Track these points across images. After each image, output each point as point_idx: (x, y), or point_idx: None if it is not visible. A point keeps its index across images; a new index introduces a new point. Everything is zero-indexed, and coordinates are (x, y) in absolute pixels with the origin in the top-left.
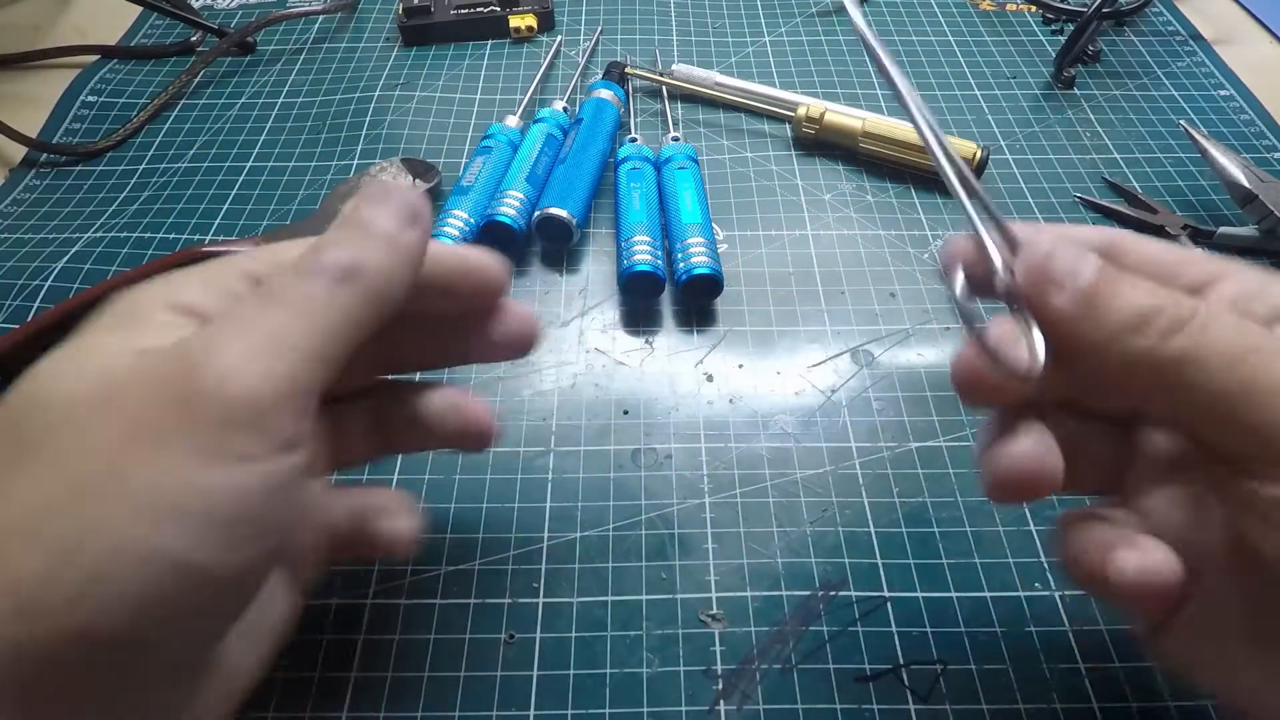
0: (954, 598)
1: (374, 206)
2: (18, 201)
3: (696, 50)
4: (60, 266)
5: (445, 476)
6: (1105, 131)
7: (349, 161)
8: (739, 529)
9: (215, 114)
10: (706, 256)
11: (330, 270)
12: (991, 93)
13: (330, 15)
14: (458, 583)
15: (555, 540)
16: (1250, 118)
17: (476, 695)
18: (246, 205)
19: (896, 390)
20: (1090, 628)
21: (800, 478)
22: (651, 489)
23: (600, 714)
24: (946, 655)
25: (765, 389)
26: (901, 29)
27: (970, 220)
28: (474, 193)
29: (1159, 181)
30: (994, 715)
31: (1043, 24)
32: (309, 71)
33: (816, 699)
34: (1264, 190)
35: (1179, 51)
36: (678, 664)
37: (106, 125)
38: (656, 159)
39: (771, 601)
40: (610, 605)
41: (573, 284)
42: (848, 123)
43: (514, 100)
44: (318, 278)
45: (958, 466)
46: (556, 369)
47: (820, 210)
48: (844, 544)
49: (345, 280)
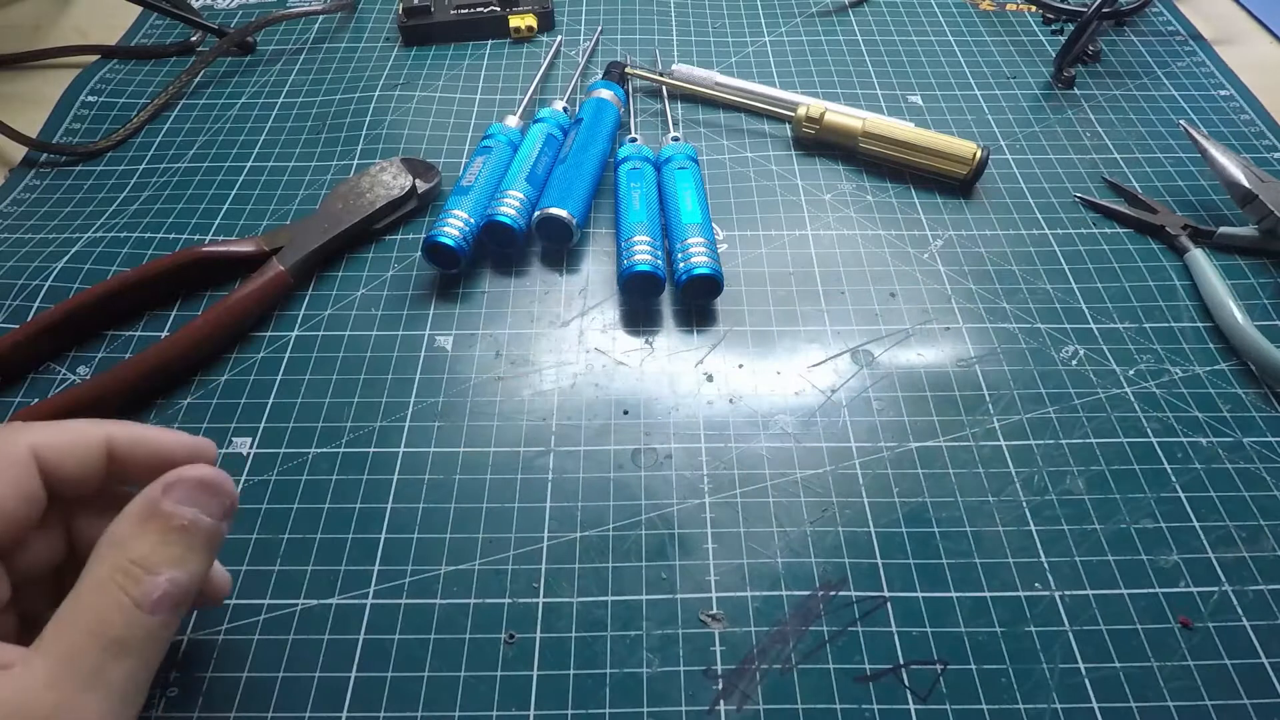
0: (954, 598)
1: (198, 499)
2: (18, 201)
3: (696, 50)
4: (60, 266)
5: (445, 477)
6: (1105, 131)
7: (349, 161)
8: (739, 529)
9: (215, 114)
10: (706, 256)
11: (166, 603)
12: (991, 93)
13: (330, 15)
14: (458, 583)
15: (555, 540)
16: (1250, 118)
17: (476, 695)
18: (246, 205)
19: (896, 390)
20: (1090, 628)
21: (800, 478)
22: (651, 489)
23: (600, 714)
24: (946, 655)
25: (765, 389)
26: (901, 29)
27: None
28: (474, 193)
29: (1159, 181)
30: (994, 715)
31: (1043, 24)
32: (309, 71)
33: (816, 699)
34: (1264, 190)
35: (1179, 51)
36: (678, 664)
37: (106, 125)
38: (656, 159)
39: (771, 601)
40: (610, 605)
41: (573, 284)
42: (848, 123)
43: (514, 100)
44: (155, 614)
45: (958, 466)
46: (556, 369)
47: (820, 210)
48: (844, 544)
49: (180, 605)
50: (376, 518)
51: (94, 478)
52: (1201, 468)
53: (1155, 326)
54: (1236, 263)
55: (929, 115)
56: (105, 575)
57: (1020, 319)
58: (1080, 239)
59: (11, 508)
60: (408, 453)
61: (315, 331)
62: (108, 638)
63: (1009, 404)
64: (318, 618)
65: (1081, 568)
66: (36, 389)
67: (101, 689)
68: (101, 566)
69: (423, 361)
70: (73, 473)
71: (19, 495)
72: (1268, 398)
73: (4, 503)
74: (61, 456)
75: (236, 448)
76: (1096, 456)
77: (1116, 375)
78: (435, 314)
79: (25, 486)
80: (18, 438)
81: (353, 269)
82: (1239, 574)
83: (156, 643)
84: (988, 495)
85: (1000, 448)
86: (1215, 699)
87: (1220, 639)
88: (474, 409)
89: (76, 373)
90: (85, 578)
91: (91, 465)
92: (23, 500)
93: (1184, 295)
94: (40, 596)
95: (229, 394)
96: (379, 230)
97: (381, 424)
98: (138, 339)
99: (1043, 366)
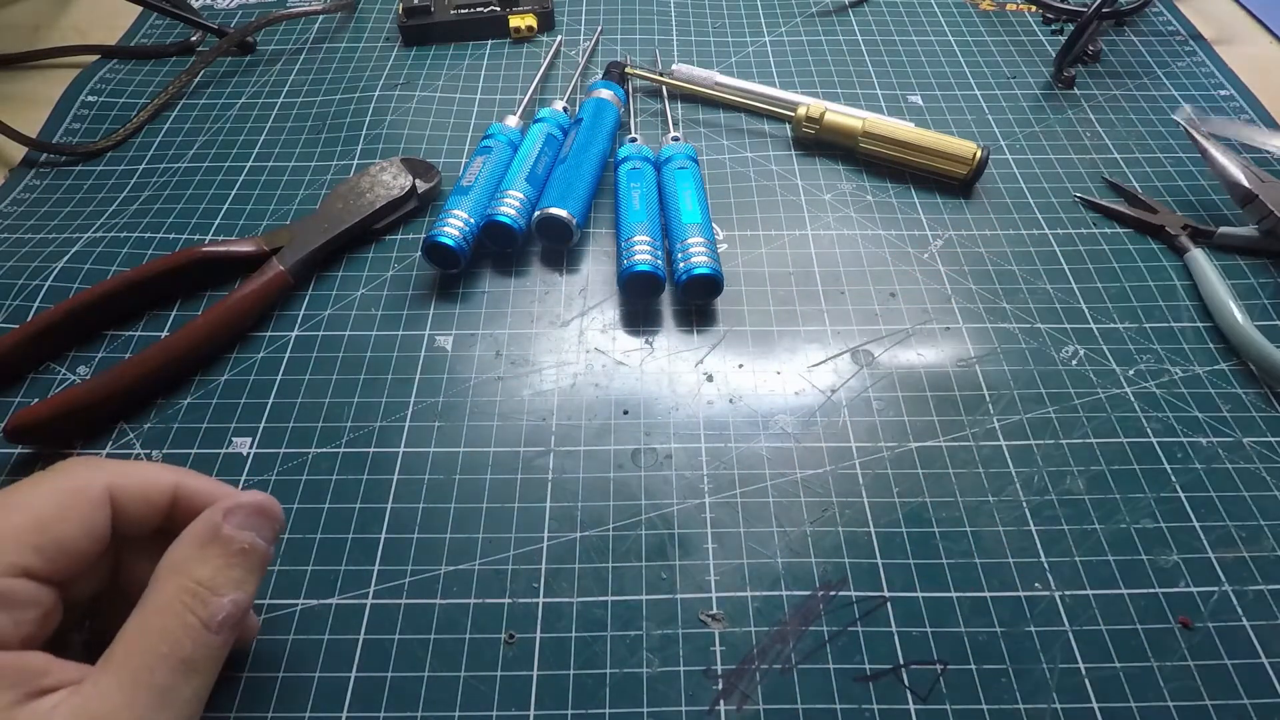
0: (954, 598)
1: (255, 523)
2: (18, 201)
3: (696, 50)
4: (60, 266)
5: (445, 477)
6: (1105, 131)
7: (349, 161)
8: (739, 529)
9: (215, 114)
10: (706, 256)
11: (229, 623)
12: (991, 93)
13: (330, 15)
14: (458, 583)
15: (555, 540)
16: (1250, 118)
17: (476, 695)
18: (246, 205)
19: (896, 390)
20: (1090, 628)
21: (800, 478)
22: (651, 489)
23: (600, 714)
24: (946, 655)
25: (765, 389)
26: (901, 29)
27: None
28: (474, 193)
29: (1159, 181)
30: (994, 715)
31: (1043, 24)
32: (309, 71)
33: (816, 699)
34: (1264, 190)
35: (1179, 51)
36: (678, 664)
37: (106, 125)
38: (656, 159)
39: (771, 601)
40: (610, 605)
41: (573, 284)
42: (848, 123)
43: (514, 100)
44: (220, 633)
45: (958, 466)
46: (556, 369)
47: (820, 210)
48: (844, 544)
49: (240, 625)
50: (376, 518)
51: (155, 522)
52: (1201, 468)
53: (1155, 326)
54: (1236, 263)
55: (929, 115)
56: (172, 597)
57: (1020, 319)
58: (1080, 239)
59: (84, 546)
60: (408, 453)
61: (315, 331)
62: (178, 658)
63: (1009, 404)
64: (318, 618)
65: (1081, 568)
66: (36, 389)
67: (174, 706)
68: (166, 589)
69: (423, 361)
70: (138, 515)
71: (89, 534)
72: (1268, 398)
73: (76, 541)
74: (133, 499)
75: (236, 448)
76: (1096, 456)
77: (1116, 375)
78: (435, 314)
79: (96, 525)
80: (96, 476)
81: (353, 269)
82: (1239, 574)
83: (218, 660)
84: (988, 495)
85: (1000, 448)
86: (1215, 699)
87: (1220, 639)
88: (474, 409)
89: (76, 373)
90: (150, 601)
91: (157, 510)
92: (92, 538)
93: (1184, 295)
94: (70, 620)
95: (229, 394)
96: (379, 230)
97: (381, 424)
98: (138, 339)
99: (1043, 366)
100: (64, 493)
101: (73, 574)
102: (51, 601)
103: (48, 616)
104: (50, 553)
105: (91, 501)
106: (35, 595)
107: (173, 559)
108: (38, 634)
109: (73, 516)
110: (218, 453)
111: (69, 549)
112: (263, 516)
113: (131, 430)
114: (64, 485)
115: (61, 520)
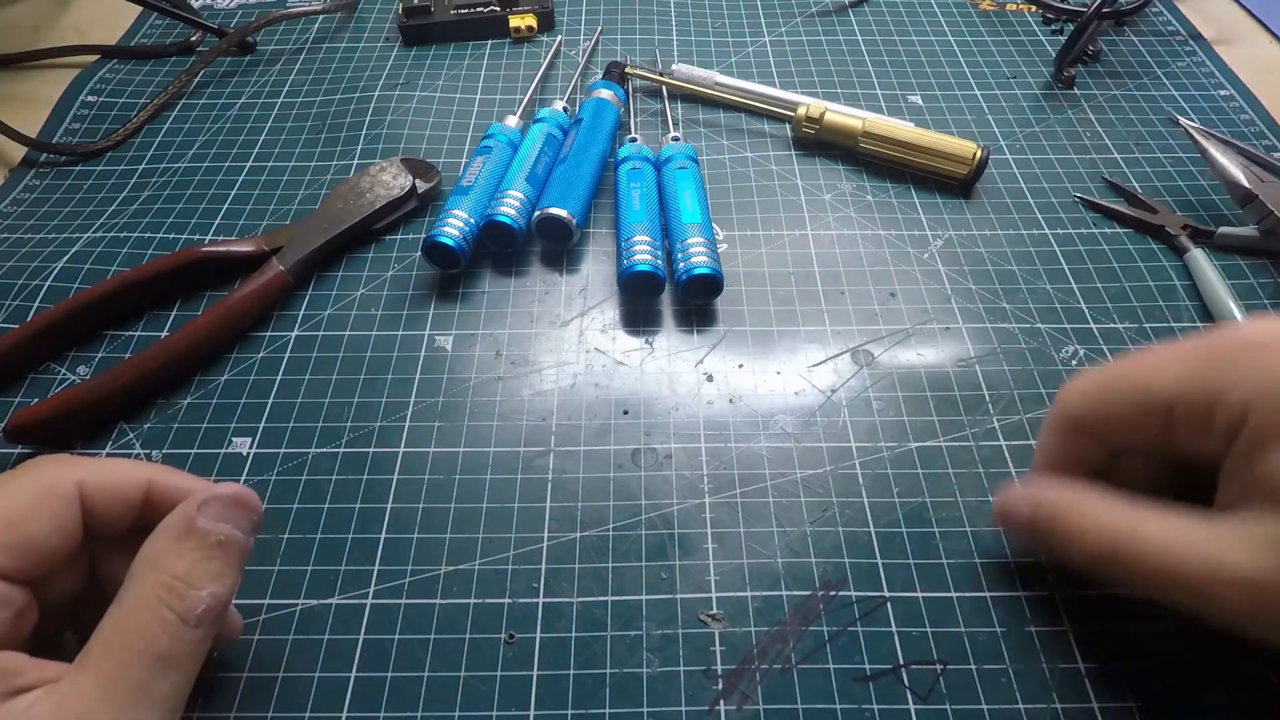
0: (954, 598)
1: (231, 515)
2: (18, 201)
3: (696, 50)
4: (60, 266)
5: (445, 477)
6: (1105, 131)
7: (349, 161)
8: (739, 529)
9: (215, 114)
10: (706, 256)
11: (208, 617)
12: (991, 93)
13: (330, 15)
14: (458, 583)
15: (555, 540)
16: (1250, 118)
17: (476, 695)
18: (246, 205)
19: (896, 390)
20: (1090, 628)
21: (800, 478)
22: (651, 489)
23: (600, 714)
24: (946, 655)
25: (765, 389)
26: (901, 29)
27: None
28: (474, 193)
29: (1159, 181)
30: (994, 715)
31: (1043, 24)
32: (309, 71)
33: (816, 699)
34: (1264, 190)
35: (1179, 51)
36: (678, 664)
37: (106, 125)
38: (656, 159)
39: (771, 601)
40: (610, 605)
41: (573, 284)
42: (848, 123)
43: (514, 100)
44: (199, 628)
45: (958, 466)
46: (556, 369)
47: (820, 210)
48: (844, 544)
49: (219, 619)
50: (376, 518)
51: (129, 519)
52: None
53: (1155, 326)
54: (1236, 263)
55: (929, 115)
56: (148, 593)
57: (1020, 319)
58: (1080, 239)
59: (54, 544)
60: (408, 453)
61: (315, 331)
62: (154, 654)
63: (1009, 404)
64: (318, 618)
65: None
66: (36, 389)
67: (152, 702)
68: (143, 585)
69: (422, 361)
70: (110, 512)
71: (60, 531)
72: None
73: (46, 539)
74: (105, 496)
75: (236, 448)
76: None
77: None
78: (435, 314)
79: (67, 522)
80: (65, 473)
81: (353, 269)
82: None
83: (198, 656)
84: (988, 495)
85: (1000, 448)
86: (1215, 699)
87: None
88: (474, 409)
89: (76, 373)
90: (126, 597)
91: (130, 507)
92: (63, 536)
93: (1184, 295)
94: (56, 620)
95: (229, 394)
96: (379, 230)
97: (381, 424)
98: (138, 339)
99: (1043, 366)
100: (33, 491)
101: (44, 573)
102: (24, 601)
103: (21, 616)
104: (20, 551)
105: (61, 499)
106: (6, 595)
107: (148, 554)
108: (12, 634)
109: (42, 515)
110: (218, 453)
111: (39, 547)
112: (239, 508)
113: (131, 430)
114: (32, 483)
115: (30, 519)
